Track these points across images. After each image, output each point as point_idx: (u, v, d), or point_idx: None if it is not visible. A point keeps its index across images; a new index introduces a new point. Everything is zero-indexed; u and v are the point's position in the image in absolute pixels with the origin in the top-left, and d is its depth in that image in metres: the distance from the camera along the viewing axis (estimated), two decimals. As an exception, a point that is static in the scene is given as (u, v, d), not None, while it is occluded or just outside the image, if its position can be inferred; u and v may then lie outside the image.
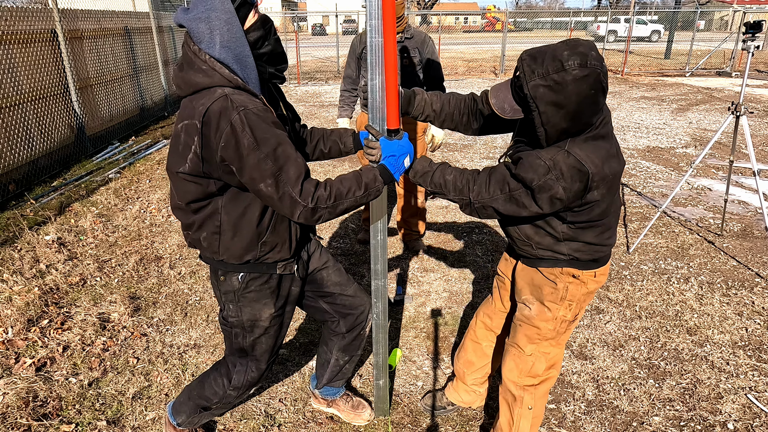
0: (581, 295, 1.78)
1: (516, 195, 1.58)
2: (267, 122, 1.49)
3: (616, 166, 1.58)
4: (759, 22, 3.47)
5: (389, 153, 1.69)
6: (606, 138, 1.58)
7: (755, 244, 4.08)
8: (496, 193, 1.61)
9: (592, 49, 1.45)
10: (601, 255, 1.74)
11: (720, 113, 9.42)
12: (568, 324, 1.84)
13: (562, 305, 1.79)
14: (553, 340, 1.86)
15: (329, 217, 1.58)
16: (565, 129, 1.51)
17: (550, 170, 1.51)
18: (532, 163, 1.54)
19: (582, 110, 1.47)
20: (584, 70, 1.41)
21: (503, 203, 1.61)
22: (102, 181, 5.71)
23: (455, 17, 63.10)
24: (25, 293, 3.27)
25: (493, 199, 1.62)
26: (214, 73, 1.50)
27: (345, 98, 3.69)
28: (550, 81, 1.43)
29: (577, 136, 1.55)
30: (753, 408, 2.40)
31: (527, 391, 1.92)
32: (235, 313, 1.80)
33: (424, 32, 3.47)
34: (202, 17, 1.48)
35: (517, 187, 1.57)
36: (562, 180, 1.50)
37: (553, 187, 1.51)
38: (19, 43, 5.48)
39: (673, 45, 18.93)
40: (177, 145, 1.55)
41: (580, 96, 1.44)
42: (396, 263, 3.83)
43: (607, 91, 1.50)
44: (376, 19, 1.58)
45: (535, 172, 1.53)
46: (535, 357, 1.88)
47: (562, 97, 1.44)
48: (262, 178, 1.48)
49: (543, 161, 1.52)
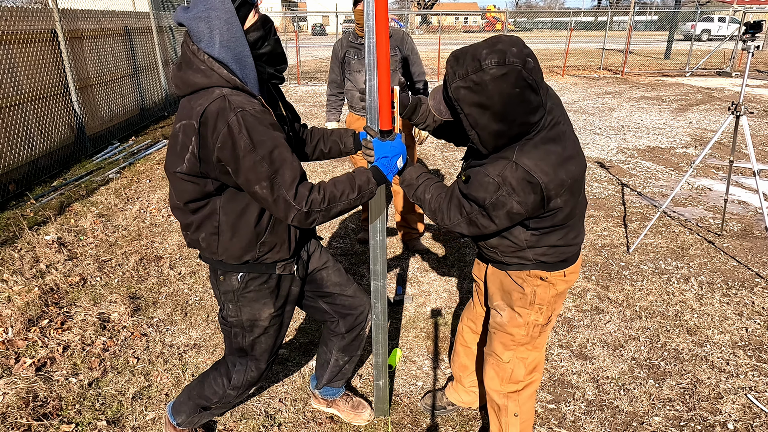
0: (551, 298, 1.74)
1: (473, 218, 1.54)
2: (264, 124, 1.49)
3: (574, 168, 1.51)
4: (759, 22, 3.47)
5: (382, 154, 1.69)
6: (558, 140, 1.50)
7: (755, 244, 4.08)
8: (457, 218, 1.58)
9: (513, 46, 1.37)
10: (569, 254, 1.70)
11: (720, 113, 9.42)
12: (542, 327, 1.80)
13: (533, 310, 1.75)
14: (528, 344, 1.82)
15: (323, 220, 1.59)
16: (498, 131, 1.44)
17: (500, 186, 1.45)
18: (481, 182, 1.49)
19: (509, 110, 1.39)
20: (502, 69, 1.34)
21: (466, 227, 1.59)
22: (102, 181, 5.71)
23: (455, 17, 63.11)
24: (25, 293, 3.27)
25: (456, 224, 1.60)
26: (213, 73, 1.50)
27: (332, 102, 3.77)
28: (470, 82, 1.37)
29: (519, 140, 1.48)
30: (753, 408, 2.40)
31: (511, 399, 1.90)
32: (234, 313, 1.80)
33: (402, 30, 3.54)
34: (202, 16, 1.48)
35: (472, 209, 1.54)
36: (515, 195, 1.45)
37: (506, 203, 1.46)
38: (19, 43, 5.48)
39: (673, 45, 18.93)
40: (175, 145, 1.55)
41: (503, 95, 1.37)
42: (396, 263, 3.83)
43: (540, 88, 1.40)
44: (372, 20, 1.58)
45: (485, 190, 1.47)
46: (513, 363, 1.85)
47: (484, 98, 1.38)
48: (258, 181, 1.48)
49: (491, 178, 1.46)
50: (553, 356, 2.76)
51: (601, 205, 4.93)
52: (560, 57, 17.44)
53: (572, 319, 3.09)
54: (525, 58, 1.36)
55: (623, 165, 6.29)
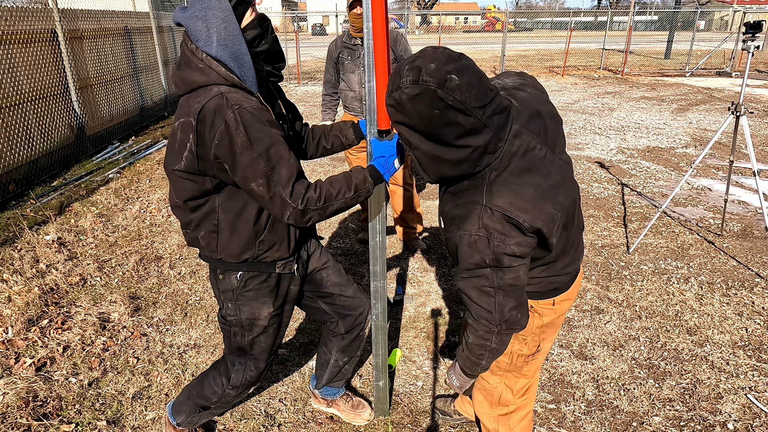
0: (535, 329, 1.59)
1: (486, 290, 1.32)
2: (261, 121, 1.49)
3: (563, 198, 1.32)
4: (759, 22, 3.47)
5: (379, 154, 1.70)
6: (535, 170, 1.30)
7: (755, 244, 4.08)
8: (490, 303, 1.33)
9: (432, 61, 1.18)
10: (559, 283, 1.53)
11: (720, 113, 9.43)
12: (526, 358, 1.65)
13: (516, 339, 1.61)
14: (514, 372, 1.70)
15: (319, 219, 1.59)
16: (434, 155, 1.27)
17: (488, 238, 1.25)
18: (464, 246, 1.29)
19: (435, 132, 1.22)
20: (416, 88, 1.18)
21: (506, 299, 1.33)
22: (102, 181, 5.71)
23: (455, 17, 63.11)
24: (25, 293, 3.27)
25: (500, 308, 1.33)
26: (211, 72, 1.51)
27: (327, 102, 3.79)
28: (392, 100, 1.24)
29: (476, 170, 1.29)
30: (753, 408, 2.40)
31: (501, 422, 1.83)
32: (233, 312, 1.80)
33: (396, 31, 3.57)
34: (200, 15, 1.49)
35: (480, 282, 1.31)
36: (508, 238, 1.26)
37: (506, 250, 1.26)
38: (19, 43, 5.48)
39: (673, 45, 18.93)
40: (174, 142, 1.56)
41: (423, 117, 1.20)
42: (396, 263, 3.83)
43: (469, 109, 1.19)
44: (370, 22, 1.58)
45: (478, 251, 1.27)
46: (501, 388, 1.76)
47: (406, 118, 1.23)
48: (254, 178, 1.49)
49: (474, 235, 1.26)
50: (553, 356, 2.76)
51: (601, 205, 4.93)
52: (560, 57, 17.44)
53: (572, 319, 3.09)
54: (445, 76, 1.16)
55: (623, 165, 6.29)
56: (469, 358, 1.47)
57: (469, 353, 1.46)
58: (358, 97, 3.53)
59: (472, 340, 1.42)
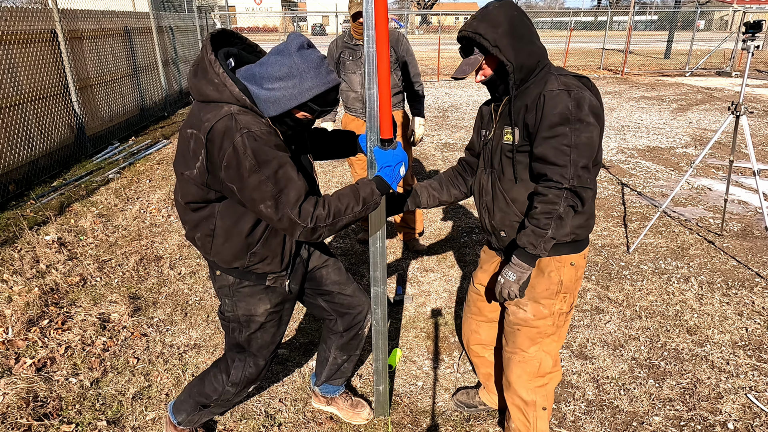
0: (573, 284, 1.80)
1: (562, 149, 1.54)
2: (269, 144, 1.50)
3: (597, 103, 1.63)
4: (759, 22, 3.47)
5: (385, 163, 1.70)
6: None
7: (755, 244, 4.08)
8: (566, 160, 1.55)
9: None
10: (586, 234, 1.78)
11: (720, 113, 9.42)
12: (566, 315, 1.85)
13: (558, 299, 1.79)
14: (554, 335, 1.86)
15: (329, 234, 1.61)
16: (512, 43, 1.61)
17: (569, 91, 1.55)
18: (548, 103, 1.56)
19: (516, 24, 1.63)
20: (501, 3, 1.66)
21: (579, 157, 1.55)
22: (102, 181, 5.71)
23: (455, 17, 63.05)
24: (25, 293, 3.27)
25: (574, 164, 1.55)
26: (224, 89, 1.51)
27: None
28: (479, 15, 1.65)
29: (539, 66, 1.66)
30: (753, 408, 2.40)
31: (539, 393, 1.92)
32: (230, 308, 1.82)
33: (397, 31, 3.55)
34: (294, 73, 1.49)
35: (559, 142, 1.54)
36: (583, 89, 1.58)
37: (584, 97, 1.56)
38: (19, 43, 5.48)
39: (673, 45, 18.93)
40: (186, 148, 1.57)
41: (507, 16, 1.62)
42: (396, 263, 3.83)
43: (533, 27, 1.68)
44: (372, 29, 1.57)
45: (561, 101, 1.55)
46: (540, 356, 1.88)
47: (493, 20, 1.63)
48: (263, 200, 1.51)
49: (555, 90, 1.56)
50: (553, 356, 2.77)
51: (601, 205, 4.93)
52: (560, 57, 17.43)
53: (572, 319, 3.09)
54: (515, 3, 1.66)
55: (623, 165, 6.29)
56: (534, 232, 1.59)
57: (536, 224, 1.59)
58: (360, 97, 3.51)
59: (540, 208, 1.57)
